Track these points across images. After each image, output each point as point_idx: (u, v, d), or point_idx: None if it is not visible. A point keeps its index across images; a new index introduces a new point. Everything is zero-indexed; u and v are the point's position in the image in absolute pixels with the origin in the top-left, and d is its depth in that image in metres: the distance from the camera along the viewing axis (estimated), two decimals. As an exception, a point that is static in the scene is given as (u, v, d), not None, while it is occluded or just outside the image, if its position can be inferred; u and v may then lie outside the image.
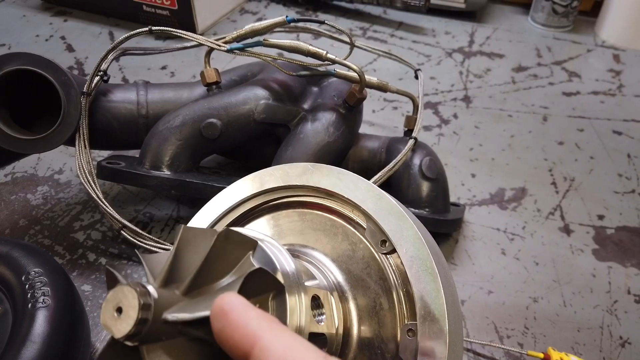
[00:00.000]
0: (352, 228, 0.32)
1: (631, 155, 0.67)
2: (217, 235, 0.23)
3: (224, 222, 0.35)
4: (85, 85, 0.48)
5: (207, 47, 0.51)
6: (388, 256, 0.30)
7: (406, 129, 0.56)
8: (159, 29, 0.51)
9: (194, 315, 0.21)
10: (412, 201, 0.50)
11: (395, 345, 0.28)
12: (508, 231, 0.56)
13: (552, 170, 0.64)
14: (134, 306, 0.19)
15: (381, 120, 0.72)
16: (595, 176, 0.64)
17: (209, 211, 0.36)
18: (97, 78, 0.49)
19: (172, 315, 0.21)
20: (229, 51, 0.50)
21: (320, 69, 0.52)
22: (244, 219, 0.36)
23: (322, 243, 0.32)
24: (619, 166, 0.65)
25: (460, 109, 0.74)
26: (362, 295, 0.30)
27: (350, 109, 0.52)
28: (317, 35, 0.84)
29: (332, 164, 0.33)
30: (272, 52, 0.52)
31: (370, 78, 0.51)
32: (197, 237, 0.24)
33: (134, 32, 0.51)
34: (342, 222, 0.32)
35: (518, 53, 0.88)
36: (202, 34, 0.89)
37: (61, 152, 0.63)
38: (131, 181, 0.49)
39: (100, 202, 0.46)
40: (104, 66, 0.50)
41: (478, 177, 0.63)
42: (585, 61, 0.86)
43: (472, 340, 0.45)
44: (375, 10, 0.99)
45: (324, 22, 0.53)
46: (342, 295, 0.30)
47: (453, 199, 0.59)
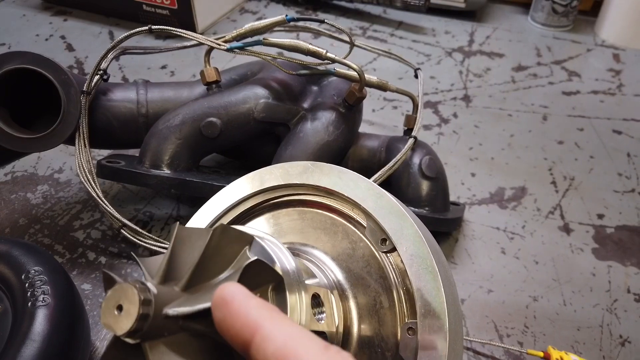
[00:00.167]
0: (352, 226, 0.32)
1: (631, 155, 0.67)
2: (213, 231, 0.23)
3: (223, 221, 0.35)
4: (85, 84, 0.48)
5: (207, 46, 0.51)
6: (388, 255, 0.30)
7: (406, 128, 0.56)
8: (158, 28, 0.51)
9: (194, 308, 0.21)
10: (412, 200, 0.50)
11: (395, 343, 0.28)
12: (508, 230, 0.56)
13: (552, 170, 0.64)
14: (135, 302, 0.19)
15: (381, 119, 0.72)
16: (595, 175, 0.64)
17: (209, 210, 0.36)
18: (97, 77, 0.49)
19: (172, 310, 0.21)
20: (229, 50, 0.50)
21: (320, 68, 0.52)
22: (244, 217, 0.36)
23: (322, 241, 0.32)
24: (618, 165, 0.65)
25: (460, 108, 0.74)
26: (362, 293, 0.30)
27: (350, 108, 0.52)
28: (317, 34, 0.84)
29: (331, 163, 0.33)
30: (272, 51, 0.52)
31: (370, 77, 0.51)
32: (192, 236, 0.24)
33: (133, 31, 0.51)
34: (342, 220, 0.32)
35: (518, 52, 0.88)
36: (202, 33, 0.89)
37: (61, 151, 0.63)
38: (131, 180, 0.49)
39: (100, 201, 0.46)
40: (103, 65, 0.50)
41: (478, 176, 0.63)
42: (585, 61, 0.86)
43: (472, 339, 0.45)
44: (375, 10, 0.99)
45: (323, 22, 0.53)
46: (342, 294, 0.30)
47: (453, 198, 0.59)
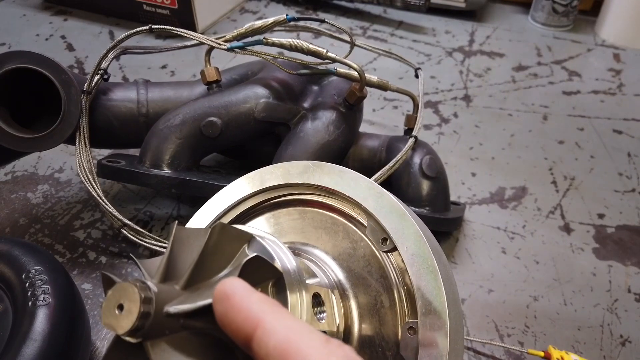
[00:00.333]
0: (353, 226, 0.32)
1: (631, 154, 0.67)
2: (211, 230, 0.23)
3: (224, 221, 0.35)
4: (86, 84, 0.48)
5: (208, 45, 0.51)
6: (389, 254, 0.30)
7: (406, 127, 0.56)
8: (159, 28, 0.51)
9: (195, 304, 0.21)
10: (413, 200, 0.50)
11: (396, 343, 0.28)
12: (508, 230, 0.56)
13: (553, 169, 0.64)
14: (135, 300, 0.19)
15: (381, 119, 0.72)
16: (596, 175, 0.64)
17: (209, 210, 0.36)
18: (97, 77, 0.49)
19: (173, 308, 0.20)
20: (229, 50, 0.50)
21: (320, 67, 0.52)
22: (244, 217, 0.36)
23: (323, 241, 0.32)
24: (619, 165, 0.65)
25: (461, 108, 0.74)
26: (363, 293, 0.30)
27: (350, 108, 0.52)
28: (318, 34, 0.84)
29: (332, 163, 0.33)
30: (272, 50, 0.51)
31: (371, 77, 0.51)
32: (190, 236, 0.24)
33: (134, 30, 0.51)
34: (343, 220, 0.32)
35: (518, 52, 0.88)
36: (203, 33, 0.89)
37: (61, 150, 0.63)
38: (131, 180, 0.49)
39: (101, 201, 0.46)
40: (104, 65, 0.50)
41: (478, 176, 0.63)
42: (585, 60, 0.86)
43: (472, 338, 0.45)
44: (376, 10, 0.99)
45: (324, 21, 0.53)
46: (343, 293, 0.30)
47: (453, 197, 0.59)
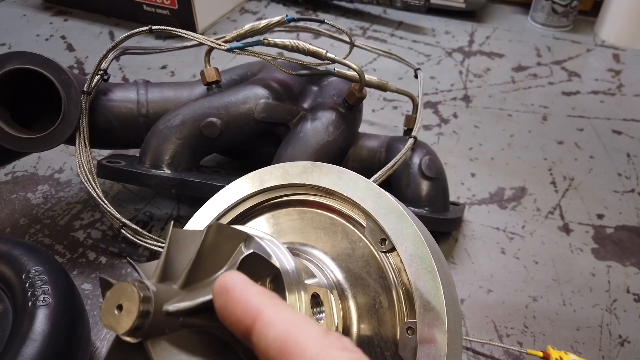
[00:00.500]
0: (351, 226, 0.32)
1: (631, 155, 0.67)
2: (207, 230, 0.23)
3: (223, 221, 0.35)
4: (86, 84, 0.48)
5: (207, 46, 0.51)
6: (388, 254, 0.30)
7: (406, 128, 0.56)
8: (159, 28, 0.51)
9: (195, 302, 0.21)
10: (412, 200, 0.50)
11: (394, 343, 0.28)
12: (507, 230, 0.56)
13: (552, 170, 0.64)
14: (134, 299, 0.19)
15: (381, 119, 0.72)
16: (595, 175, 0.64)
17: (209, 210, 0.36)
18: (97, 77, 0.49)
19: (173, 306, 0.21)
20: (229, 50, 0.50)
21: (320, 68, 0.52)
22: (244, 217, 0.36)
23: (321, 241, 0.32)
24: (618, 165, 0.65)
25: (460, 108, 0.74)
26: (362, 293, 0.30)
27: (350, 108, 0.52)
28: (317, 34, 0.84)
29: (331, 163, 0.33)
30: (272, 51, 0.52)
31: (370, 77, 0.52)
32: (186, 238, 0.24)
33: (134, 31, 0.51)
34: (342, 220, 0.32)
35: (518, 53, 0.88)
36: (202, 33, 0.89)
37: (61, 151, 0.64)
38: (131, 180, 0.49)
39: (101, 201, 0.46)
40: (104, 65, 0.50)
41: (478, 177, 0.63)
42: (585, 61, 0.86)
43: (471, 338, 0.45)
44: (375, 10, 0.99)
45: (323, 22, 0.53)
46: (342, 294, 0.30)
47: (453, 198, 0.59)
